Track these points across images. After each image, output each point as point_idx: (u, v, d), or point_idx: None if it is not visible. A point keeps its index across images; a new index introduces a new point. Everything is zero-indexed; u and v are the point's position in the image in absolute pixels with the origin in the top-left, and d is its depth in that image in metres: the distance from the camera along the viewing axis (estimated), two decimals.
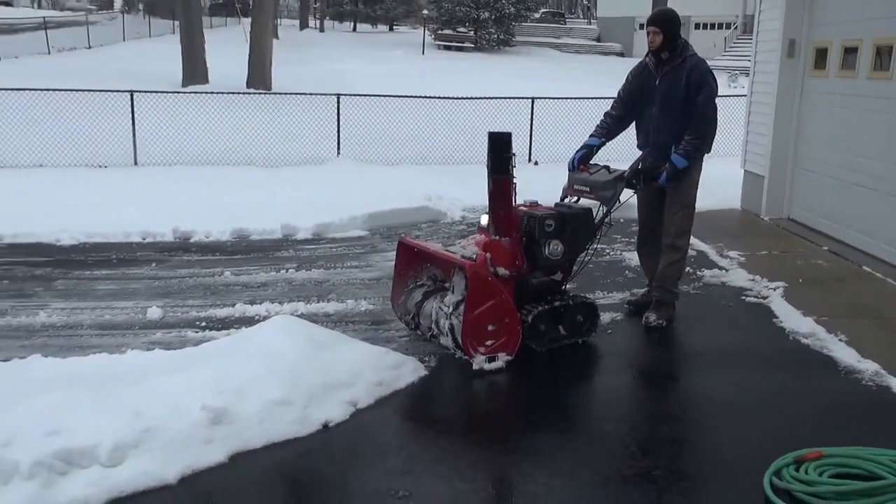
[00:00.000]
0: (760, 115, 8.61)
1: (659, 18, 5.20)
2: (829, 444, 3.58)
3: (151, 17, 35.48)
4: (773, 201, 8.41)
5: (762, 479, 3.40)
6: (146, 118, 11.87)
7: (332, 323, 5.38)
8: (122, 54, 25.87)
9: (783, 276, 6.31)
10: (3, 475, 3.12)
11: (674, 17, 5.22)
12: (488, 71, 25.99)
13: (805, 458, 3.52)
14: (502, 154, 4.66)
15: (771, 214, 8.40)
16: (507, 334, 4.64)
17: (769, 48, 8.37)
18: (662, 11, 5.30)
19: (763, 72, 8.57)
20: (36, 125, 11.89)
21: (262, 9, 19.68)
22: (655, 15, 5.29)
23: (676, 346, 5.27)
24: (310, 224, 8.05)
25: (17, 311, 5.57)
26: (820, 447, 3.54)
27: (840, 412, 4.17)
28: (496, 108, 12.82)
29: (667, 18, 5.18)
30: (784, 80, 8.08)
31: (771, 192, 8.40)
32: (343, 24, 52.07)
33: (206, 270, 6.70)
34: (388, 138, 12.85)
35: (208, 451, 3.54)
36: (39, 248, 7.30)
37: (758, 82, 8.75)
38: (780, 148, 8.25)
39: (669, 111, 5.17)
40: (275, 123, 13.03)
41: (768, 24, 8.45)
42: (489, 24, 35.94)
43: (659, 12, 5.31)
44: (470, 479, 3.48)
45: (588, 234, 5.09)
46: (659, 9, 5.52)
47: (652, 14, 5.35)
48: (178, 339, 5.05)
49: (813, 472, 3.42)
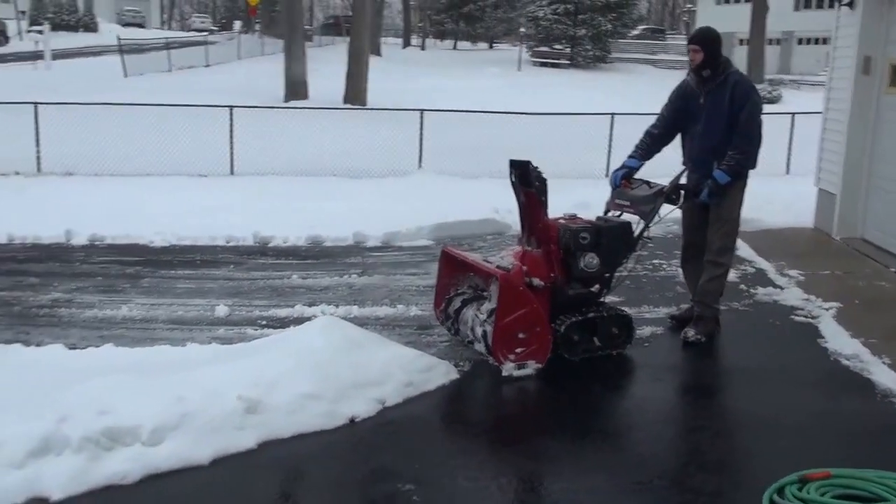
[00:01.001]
0: (834, 132, 8.40)
1: (699, 37, 5.28)
2: (850, 467, 3.55)
3: (265, 37, 37.17)
4: (846, 220, 8.18)
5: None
6: (245, 131, 12.59)
7: (381, 326, 5.67)
8: (235, 72, 27.29)
9: (840, 296, 6.19)
10: (57, 447, 3.53)
11: (714, 35, 5.29)
12: (580, 87, 26.01)
13: (811, 477, 3.51)
14: (525, 170, 4.86)
15: (843, 234, 8.18)
16: (537, 343, 4.80)
17: (844, 64, 8.19)
18: (703, 30, 5.38)
19: (838, 88, 8.38)
20: (144, 136, 12.80)
21: (361, 28, 20.43)
22: (696, 34, 5.39)
23: (711, 362, 5.29)
24: (379, 232, 8.40)
25: (104, 305, 6.12)
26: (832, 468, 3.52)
27: (868, 435, 4.14)
28: (576, 124, 12.92)
29: (707, 37, 5.25)
30: (858, 97, 7.88)
31: (843, 210, 8.18)
32: (444, 42, 52.99)
33: (276, 273, 7.13)
34: (469, 152, 13.13)
35: (240, 437, 3.87)
36: (134, 248, 7.91)
37: (832, 99, 8.55)
38: (854, 166, 8.04)
39: (713, 128, 5.22)
40: (363, 137, 13.54)
41: (844, 40, 8.26)
42: (585, 40, 35.85)
43: (699, 31, 5.39)
44: (486, 479, 3.67)
45: (625, 248, 5.19)
46: (700, 27, 5.59)
47: (693, 33, 5.44)
48: (237, 336, 5.45)
49: (814, 491, 3.42)
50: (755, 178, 10.66)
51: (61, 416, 3.66)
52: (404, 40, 50.76)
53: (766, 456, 3.89)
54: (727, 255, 5.38)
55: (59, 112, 11.58)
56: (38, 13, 39.03)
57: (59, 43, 30.65)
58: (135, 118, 12.76)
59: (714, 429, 4.31)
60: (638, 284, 6.68)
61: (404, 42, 50.26)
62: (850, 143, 8.02)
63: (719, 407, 4.61)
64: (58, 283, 6.56)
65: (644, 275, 7.04)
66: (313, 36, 47.11)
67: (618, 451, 4.00)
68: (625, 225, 5.23)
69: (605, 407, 4.65)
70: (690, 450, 4.05)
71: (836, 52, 8.51)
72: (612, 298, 6.11)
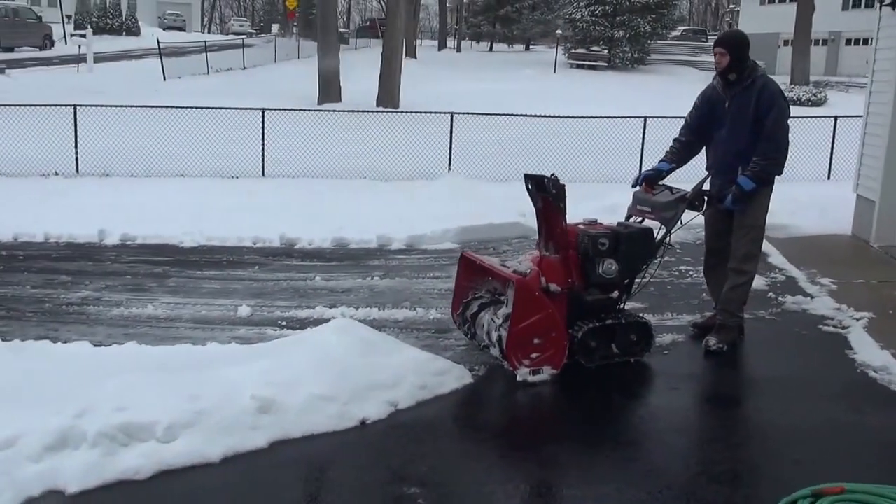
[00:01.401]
0: (874, 136, 8.24)
1: (725, 40, 5.21)
2: (869, 482, 3.48)
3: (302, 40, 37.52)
4: (885, 228, 8.01)
5: None
6: (277, 133, 12.73)
7: (399, 328, 5.71)
8: (271, 74, 27.61)
9: (873, 306, 6.07)
10: (74, 441, 3.62)
11: (741, 38, 5.21)
12: (617, 89, 25.82)
13: (824, 491, 3.43)
14: (541, 180, 4.89)
15: (881, 242, 8.01)
16: (553, 348, 4.79)
17: (886, 67, 8.02)
18: (729, 33, 5.32)
19: (879, 92, 8.20)
20: (179, 138, 13.00)
21: (394, 31, 20.52)
22: (722, 36, 5.32)
23: (731, 372, 5.23)
24: (404, 235, 8.44)
25: (130, 304, 6.24)
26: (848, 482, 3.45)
27: (890, 449, 4.05)
28: (609, 127, 12.84)
29: (733, 40, 5.19)
30: None
31: (882, 218, 8.02)
32: (480, 45, 52.98)
33: (300, 275, 7.20)
34: (500, 155, 13.11)
35: (252, 436, 3.93)
36: (164, 248, 8.04)
37: (873, 103, 8.38)
38: (894, 172, 7.87)
39: (738, 133, 5.16)
40: (393, 139, 13.61)
41: (886, 41, 8.07)
42: (623, 42, 35.57)
43: (726, 33, 5.33)
44: (493, 485, 3.68)
45: (645, 255, 5.15)
46: (727, 30, 5.55)
47: (719, 36, 5.37)
48: (257, 336, 5.52)
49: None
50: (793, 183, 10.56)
51: (80, 411, 3.75)
52: (440, 43, 50.89)
53: (781, 469, 3.84)
54: (752, 263, 5.30)
55: (96, 114, 11.82)
56: (82, 17, 39.82)
57: (102, 46, 31.24)
58: (169, 120, 12.95)
59: (729, 440, 4.26)
60: (662, 291, 6.62)
61: (440, 44, 50.39)
62: (891, 149, 7.84)
63: (736, 418, 4.56)
64: (88, 282, 6.71)
65: (670, 281, 6.98)
66: (349, 38, 47.50)
67: (629, 460, 3.97)
68: (645, 231, 5.18)
69: (619, 415, 4.62)
70: (703, 461, 4.01)
71: (878, 54, 8.32)
72: (635, 305, 6.11)
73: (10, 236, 7.96)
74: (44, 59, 28.02)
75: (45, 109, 12.06)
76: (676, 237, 7.92)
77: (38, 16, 34.21)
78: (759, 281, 6.78)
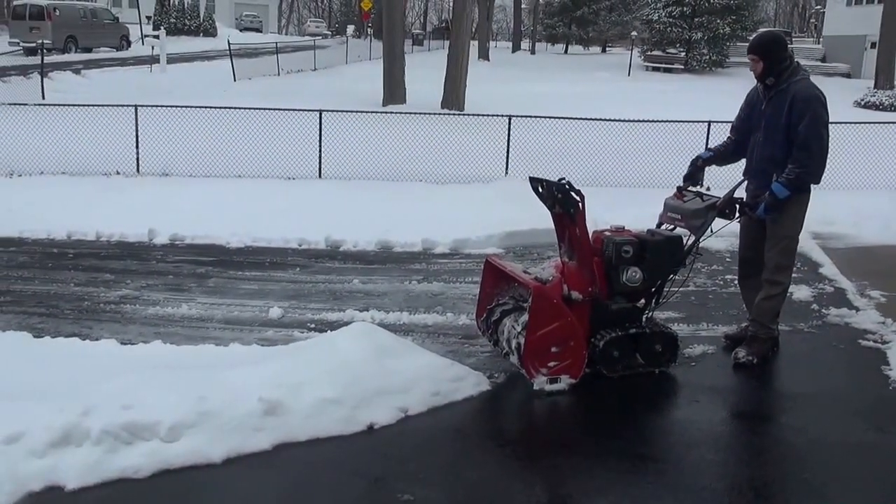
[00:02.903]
0: None
1: (756, 45, 5.01)
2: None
3: (374, 41, 37.95)
4: None
5: None
6: (337, 135, 12.84)
7: (426, 333, 5.66)
8: (340, 76, 27.96)
9: None
10: (77, 439, 3.69)
11: (772, 41, 4.99)
12: (692, 93, 25.15)
13: None
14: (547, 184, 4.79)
15: None
16: (571, 357, 4.66)
17: None
18: (761, 37, 5.10)
19: None
20: (239, 139, 13.25)
21: (461, 31, 20.48)
22: (753, 41, 5.12)
23: (758, 386, 5.00)
24: (448, 239, 8.39)
25: (167, 303, 6.36)
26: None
27: None
28: (675, 131, 12.50)
29: (765, 44, 4.98)
30: None
31: None
32: (555, 46, 52.50)
33: (339, 277, 7.22)
34: (560, 158, 12.89)
35: (256, 438, 3.94)
36: (211, 248, 8.18)
37: None
38: None
39: (772, 139, 4.96)
40: (454, 142, 13.55)
41: None
42: (701, 44, 34.66)
43: (757, 38, 5.12)
44: (496, 495, 3.60)
45: (671, 263, 4.97)
46: (759, 33, 5.30)
47: (751, 40, 5.14)
48: (283, 338, 5.55)
49: None
50: (858, 191, 10.06)
51: (86, 408, 3.82)
52: (514, 44, 50.67)
53: (795, 488, 3.68)
54: (784, 274, 5.07)
55: (159, 115, 12.15)
56: (160, 19, 41.10)
57: (178, 47, 32.23)
58: (230, 121, 13.22)
59: (747, 457, 4.09)
60: (703, 300, 6.40)
61: (514, 46, 50.17)
62: None
63: (756, 434, 4.35)
64: (130, 281, 6.87)
65: (713, 290, 6.74)
66: (423, 40, 47.76)
67: (644, 474, 3.83)
68: (672, 239, 5.00)
69: (638, 427, 4.45)
70: (720, 476, 3.84)
71: None
72: (670, 313, 5.94)
73: (63, 234, 8.22)
74: (119, 60, 28.93)
75: (110, 109, 12.47)
76: (724, 245, 7.70)
77: (115, 17, 35.27)
78: (804, 292, 6.51)
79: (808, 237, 8.33)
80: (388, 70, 20.28)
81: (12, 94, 17.32)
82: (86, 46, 31.18)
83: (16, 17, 29.92)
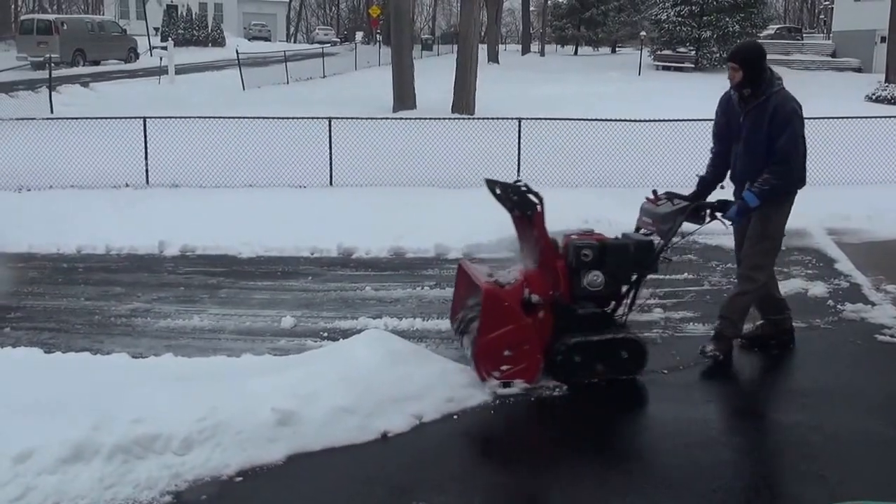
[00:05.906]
0: None
1: (737, 54, 4.97)
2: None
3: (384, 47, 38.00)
4: None
5: None
6: (346, 142, 12.82)
7: (440, 339, 5.61)
8: (350, 82, 28.01)
9: None
10: (87, 455, 3.65)
11: (754, 51, 4.98)
12: (702, 91, 24.89)
13: None
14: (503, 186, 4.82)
15: None
16: (526, 361, 4.59)
17: None
18: (742, 46, 5.12)
19: None
20: (248, 148, 13.26)
21: (469, 35, 20.46)
22: (734, 50, 5.08)
23: (770, 382, 5.00)
24: (461, 244, 8.33)
25: (178, 315, 6.33)
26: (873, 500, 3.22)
27: None
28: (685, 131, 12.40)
29: (746, 54, 4.95)
30: None
31: None
32: (565, 48, 52.43)
33: (351, 285, 7.18)
34: (570, 160, 12.85)
35: (270, 449, 3.90)
36: (222, 259, 8.15)
37: None
38: None
39: (753, 150, 4.97)
40: (464, 146, 13.50)
41: None
42: (711, 42, 34.49)
43: (738, 47, 5.12)
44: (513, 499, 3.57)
45: (635, 268, 4.88)
46: (740, 42, 5.30)
47: (732, 48, 5.12)
48: (296, 347, 5.50)
49: None
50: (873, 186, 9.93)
51: (97, 423, 3.78)
52: (523, 46, 50.60)
53: (803, 485, 3.64)
54: (761, 273, 5.05)
55: (167, 126, 12.17)
56: (168, 30, 41.22)
57: (186, 58, 32.28)
58: (239, 131, 13.24)
59: (755, 454, 4.06)
60: (718, 299, 6.27)
61: (523, 48, 50.11)
62: None
63: (765, 431, 4.32)
64: (141, 293, 6.84)
65: (727, 289, 6.60)
66: (433, 45, 47.79)
67: (664, 476, 3.78)
68: (640, 243, 4.92)
69: (653, 430, 4.41)
70: (725, 475, 3.79)
71: None
72: (685, 313, 5.88)
73: (73, 248, 8.21)
74: (128, 72, 28.97)
75: (118, 122, 12.49)
76: None
77: (123, 29, 35.33)
78: (820, 287, 6.44)
79: (822, 232, 8.25)
80: (397, 76, 20.27)
81: (21, 109, 17.43)
82: (94, 59, 31.26)
83: (23, 32, 30.06)
